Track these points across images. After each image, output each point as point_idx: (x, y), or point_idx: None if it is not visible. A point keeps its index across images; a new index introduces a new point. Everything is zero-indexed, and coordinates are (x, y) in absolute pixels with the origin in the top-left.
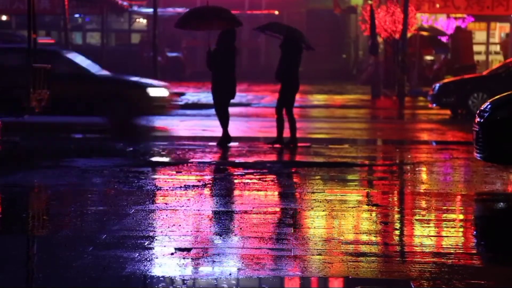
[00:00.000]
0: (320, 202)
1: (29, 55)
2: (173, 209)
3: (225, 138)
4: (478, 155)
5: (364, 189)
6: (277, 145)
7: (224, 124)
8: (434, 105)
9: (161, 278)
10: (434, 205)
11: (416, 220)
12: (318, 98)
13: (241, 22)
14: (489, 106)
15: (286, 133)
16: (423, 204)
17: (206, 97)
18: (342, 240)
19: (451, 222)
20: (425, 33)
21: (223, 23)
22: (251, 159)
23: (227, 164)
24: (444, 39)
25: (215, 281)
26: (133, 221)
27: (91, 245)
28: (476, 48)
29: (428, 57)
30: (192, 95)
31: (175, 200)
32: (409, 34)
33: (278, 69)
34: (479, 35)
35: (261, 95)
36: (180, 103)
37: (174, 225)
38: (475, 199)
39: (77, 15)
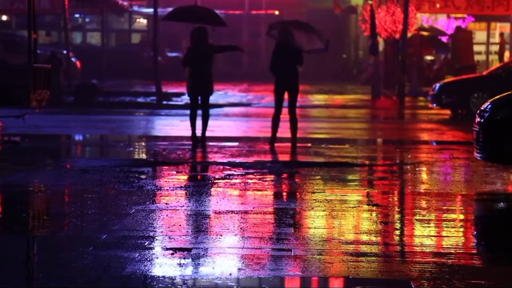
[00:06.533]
0: (320, 202)
1: (29, 55)
2: (173, 209)
3: (195, 139)
4: (478, 155)
5: (364, 189)
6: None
7: (193, 124)
8: (434, 105)
9: (161, 278)
10: (434, 205)
11: (416, 220)
12: (318, 98)
13: (226, 23)
14: (489, 106)
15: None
16: (423, 204)
17: None
18: (342, 240)
19: (451, 222)
20: (425, 33)
21: (209, 22)
22: (251, 159)
23: (227, 164)
24: (444, 39)
25: (215, 281)
26: (133, 221)
27: (91, 245)
28: (476, 48)
29: (428, 57)
30: None
31: (175, 200)
32: (409, 34)
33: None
34: (479, 35)
35: (261, 95)
36: (180, 103)
37: (174, 225)
38: (475, 199)
39: (77, 15)
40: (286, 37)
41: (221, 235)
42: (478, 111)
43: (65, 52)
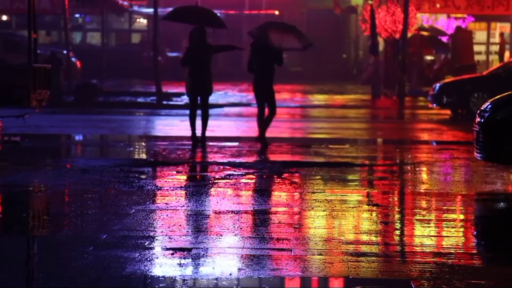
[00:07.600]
0: (321, 202)
1: (29, 55)
2: (173, 209)
3: (195, 139)
4: (478, 155)
5: (365, 189)
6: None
7: (193, 124)
8: (434, 105)
9: (161, 278)
10: (434, 205)
11: (417, 220)
12: (318, 98)
13: (226, 25)
14: (489, 106)
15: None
16: (424, 204)
17: None
18: (343, 240)
19: (451, 222)
20: (425, 33)
21: (209, 22)
22: (251, 159)
23: (227, 164)
24: (444, 39)
25: (215, 281)
26: (133, 221)
27: (91, 245)
28: (476, 48)
29: (428, 57)
30: None
31: (175, 200)
32: (409, 34)
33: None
34: (479, 35)
35: None
36: (180, 103)
37: (174, 225)
38: (475, 199)
39: (77, 15)
40: (259, 36)
41: (221, 235)
42: (478, 111)
43: (65, 52)
